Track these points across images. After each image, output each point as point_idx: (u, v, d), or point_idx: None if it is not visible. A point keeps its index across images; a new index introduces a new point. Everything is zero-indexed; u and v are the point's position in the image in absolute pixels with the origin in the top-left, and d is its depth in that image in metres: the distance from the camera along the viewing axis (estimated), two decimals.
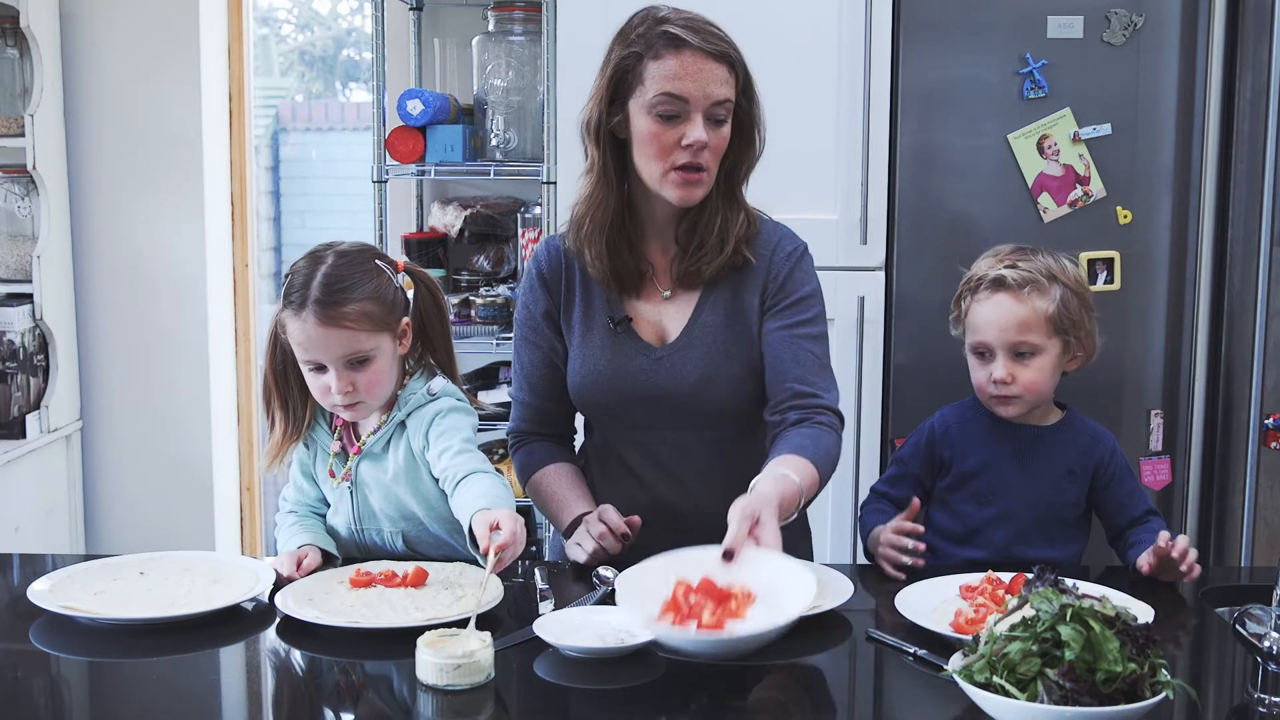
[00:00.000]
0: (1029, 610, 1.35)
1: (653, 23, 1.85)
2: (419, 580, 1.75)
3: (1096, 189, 2.79)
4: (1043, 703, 1.28)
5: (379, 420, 1.91)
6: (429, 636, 1.46)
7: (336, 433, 1.95)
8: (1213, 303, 2.85)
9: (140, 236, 3.60)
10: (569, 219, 1.97)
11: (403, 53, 3.44)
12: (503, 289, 3.30)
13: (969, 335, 1.99)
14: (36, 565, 2.00)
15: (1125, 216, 2.80)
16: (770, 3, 2.80)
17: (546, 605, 1.71)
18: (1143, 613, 1.61)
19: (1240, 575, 2.42)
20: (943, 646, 1.53)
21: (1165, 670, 1.31)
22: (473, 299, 3.26)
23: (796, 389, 1.88)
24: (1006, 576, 1.75)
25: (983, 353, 1.97)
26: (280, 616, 1.67)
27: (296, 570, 1.81)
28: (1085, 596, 1.35)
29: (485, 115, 3.26)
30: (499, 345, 3.17)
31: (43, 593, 1.70)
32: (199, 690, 1.54)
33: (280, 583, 1.77)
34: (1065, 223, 2.79)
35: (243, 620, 1.69)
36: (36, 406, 3.43)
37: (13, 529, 3.26)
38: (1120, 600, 1.55)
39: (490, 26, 3.26)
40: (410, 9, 3.44)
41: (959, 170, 2.83)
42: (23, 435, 3.33)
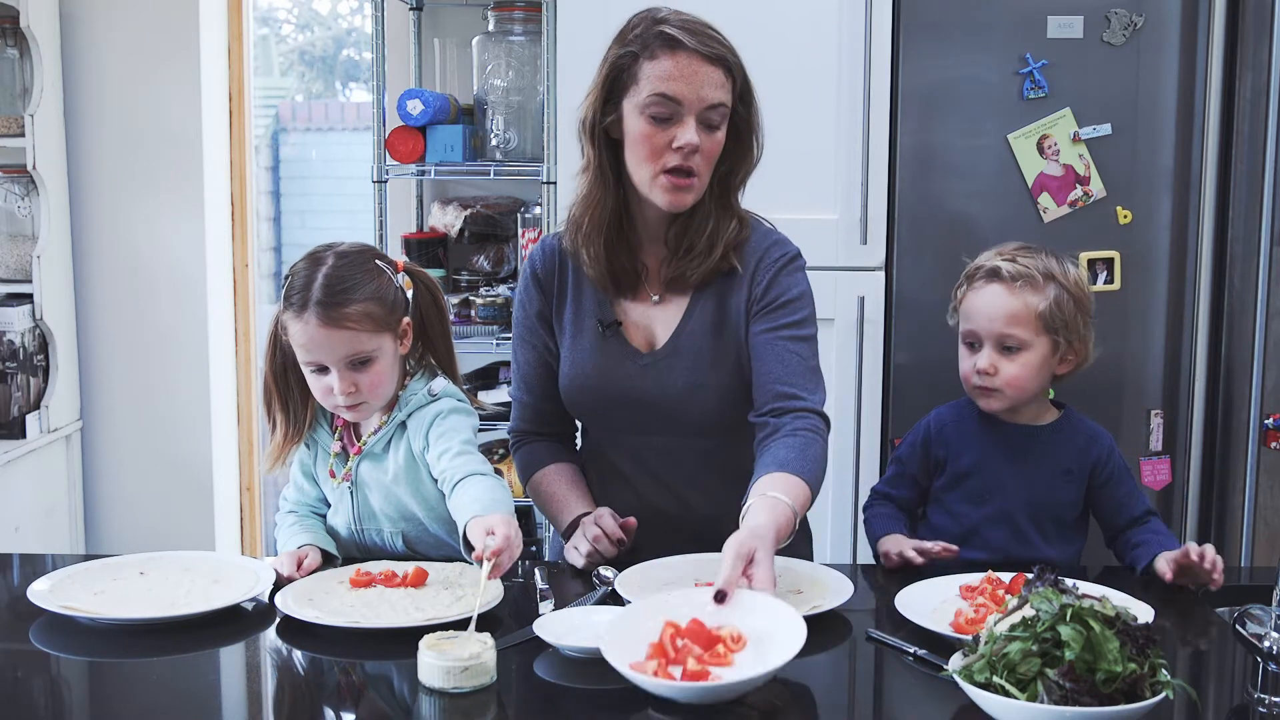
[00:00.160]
0: (1029, 610, 1.35)
1: (651, 23, 1.84)
2: (419, 580, 1.75)
3: (1096, 189, 2.79)
4: (1043, 703, 1.28)
5: (379, 421, 1.91)
6: (430, 639, 1.46)
7: (337, 433, 1.95)
8: (1213, 303, 2.85)
9: (140, 236, 3.60)
10: (567, 219, 1.96)
11: (403, 53, 3.44)
12: (503, 289, 3.30)
13: (961, 323, 2.00)
14: (36, 565, 2.00)
15: (1125, 216, 2.79)
16: (770, 3, 2.80)
17: (546, 605, 1.71)
18: (1143, 613, 1.61)
19: (1240, 575, 2.42)
20: (943, 646, 1.53)
21: (1165, 670, 1.31)
22: (473, 299, 3.26)
23: (779, 390, 1.85)
24: (1006, 576, 1.75)
25: (971, 342, 1.98)
26: (280, 616, 1.67)
27: (297, 570, 1.81)
28: (1085, 596, 1.35)
29: (485, 115, 3.26)
30: (499, 345, 3.17)
31: (43, 593, 1.70)
32: (199, 690, 1.54)
33: (280, 583, 1.77)
34: (1065, 223, 2.79)
35: (243, 620, 1.69)
36: (36, 406, 3.43)
37: (13, 529, 3.26)
38: (1120, 600, 1.55)
39: (490, 26, 3.26)
40: (410, 9, 3.44)
41: (959, 170, 2.83)
42: (23, 435, 3.33)
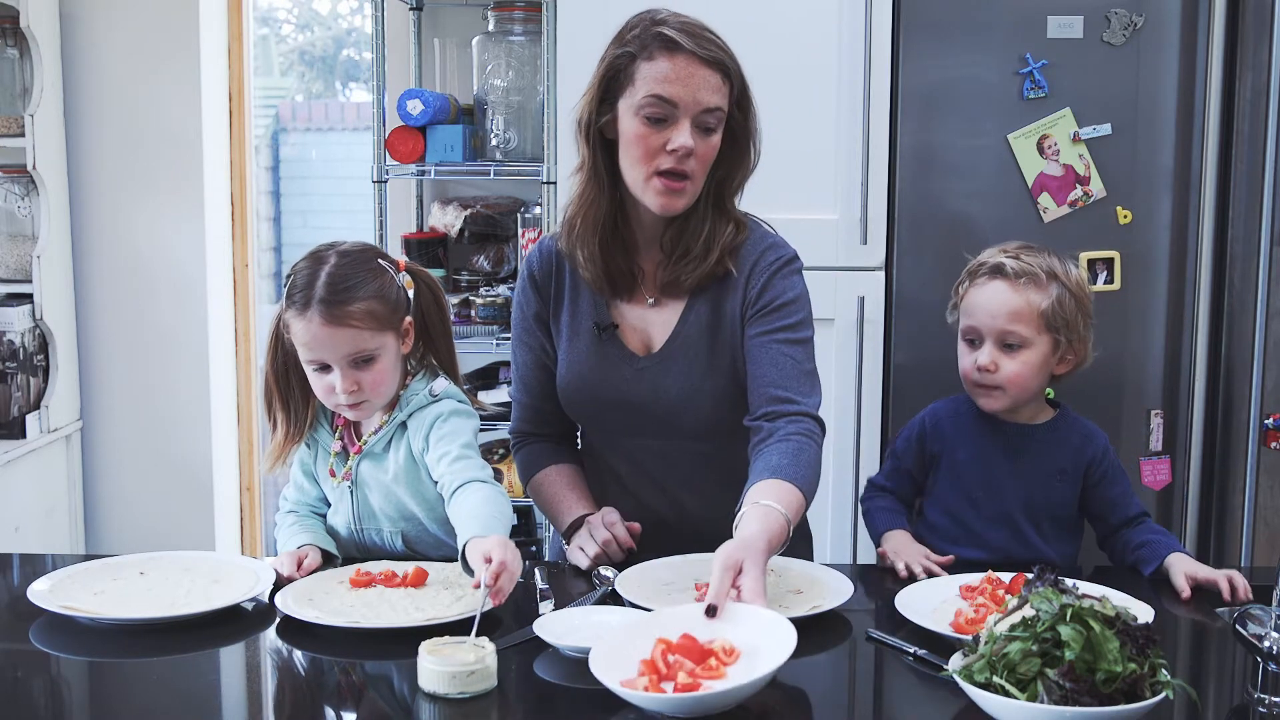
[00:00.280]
0: (1029, 610, 1.35)
1: (649, 24, 1.83)
2: (419, 580, 1.75)
3: (1096, 189, 2.79)
4: (1043, 703, 1.28)
5: (380, 420, 1.91)
6: (430, 644, 1.46)
7: (337, 432, 1.95)
8: (1213, 303, 2.85)
9: (140, 236, 3.60)
10: (562, 220, 1.96)
11: (403, 53, 3.44)
12: (503, 289, 3.30)
13: (961, 320, 1.99)
14: (36, 565, 2.00)
15: (1125, 216, 2.79)
16: (770, 3, 2.80)
17: (546, 605, 1.71)
18: (1143, 613, 1.61)
19: None
20: (943, 646, 1.53)
21: (1165, 670, 1.31)
22: (473, 299, 3.26)
23: (773, 394, 1.84)
24: (1006, 576, 1.75)
25: (972, 339, 1.97)
26: (280, 616, 1.67)
27: (297, 570, 1.81)
28: (1085, 596, 1.35)
29: (485, 115, 3.26)
30: (499, 345, 3.17)
31: (43, 593, 1.70)
32: (199, 690, 1.54)
33: (280, 583, 1.77)
34: (1065, 223, 2.79)
35: (243, 620, 1.69)
36: (36, 406, 3.43)
37: (13, 529, 3.26)
38: (1120, 600, 1.55)
39: (490, 26, 3.26)
40: (410, 9, 3.44)
41: (959, 170, 2.83)
42: (23, 435, 3.33)
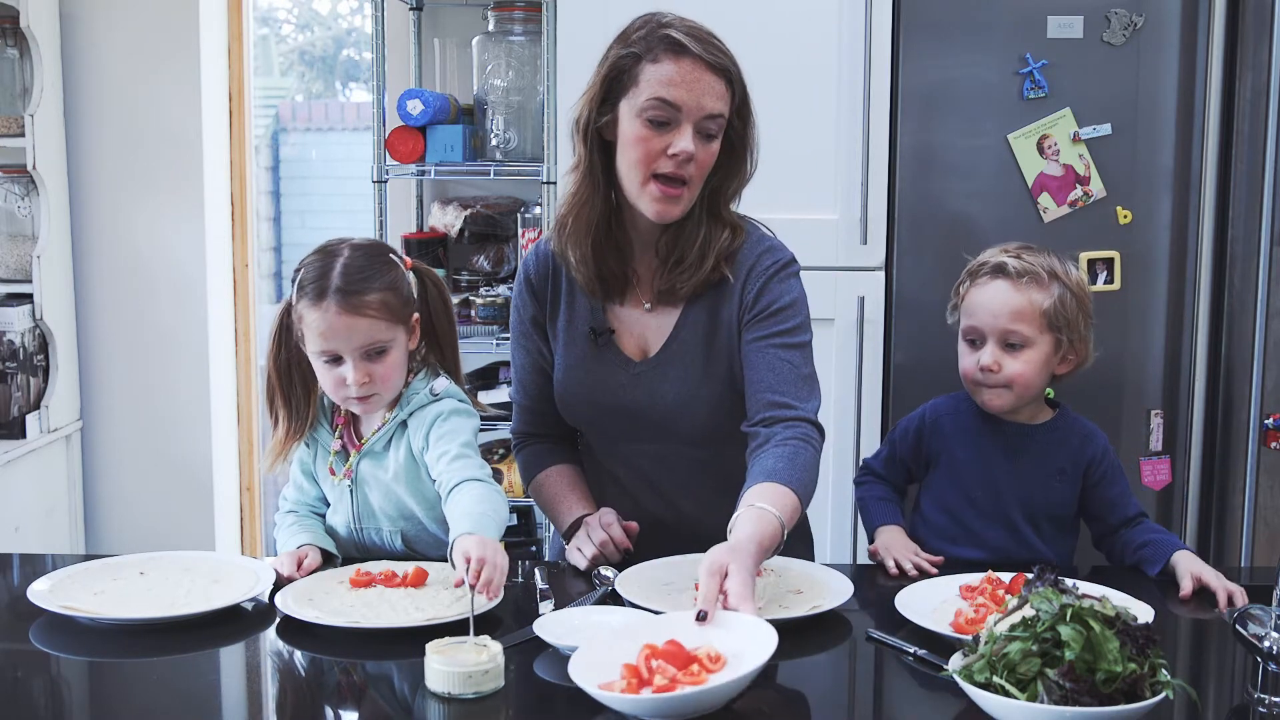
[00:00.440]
0: (1029, 610, 1.35)
1: (655, 26, 1.81)
2: (419, 580, 1.75)
3: (1096, 189, 2.79)
4: (1043, 703, 1.28)
5: (381, 419, 1.91)
6: (435, 645, 1.46)
7: (337, 431, 1.95)
8: (1213, 303, 2.85)
9: (140, 236, 3.60)
10: (555, 220, 1.94)
11: (403, 53, 3.44)
12: (503, 289, 3.30)
13: (963, 319, 1.99)
14: (36, 565, 2.00)
15: (1125, 216, 2.79)
16: (770, 3, 2.80)
17: (546, 605, 1.71)
18: (1143, 613, 1.61)
19: (1240, 575, 2.42)
20: (943, 646, 1.53)
21: (1165, 670, 1.31)
22: (473, 299, 3.26)
23: (770, 400, 1.82)
24: (1006, 576, 1.75)
25: (973, 339, 1.97)
26: (280, 616, 1.67)
27: (297, 570, 1.81)
28: (1085, 596, 1.35)
29: (485, 115, 3.26)
30: (499, 345, 3.17)
31: (43, 593, 1.70)
32: (199, 690, 1.54)
33: (280, 583, 1.77)
34: (1065, 223, 2.79)
35: (243, 620, 1.69)
36: (36, 406, 3.43)
37: (13, 529, 3.26)
38: (1120, 600, 1.55)
39: (490, 26, 3.26)
40: (410, 9, 3.44)
41: (959, 170, 2.83)
42: (23, 435, 3.33)
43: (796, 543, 1.97)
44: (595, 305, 1.95)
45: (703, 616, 1.49)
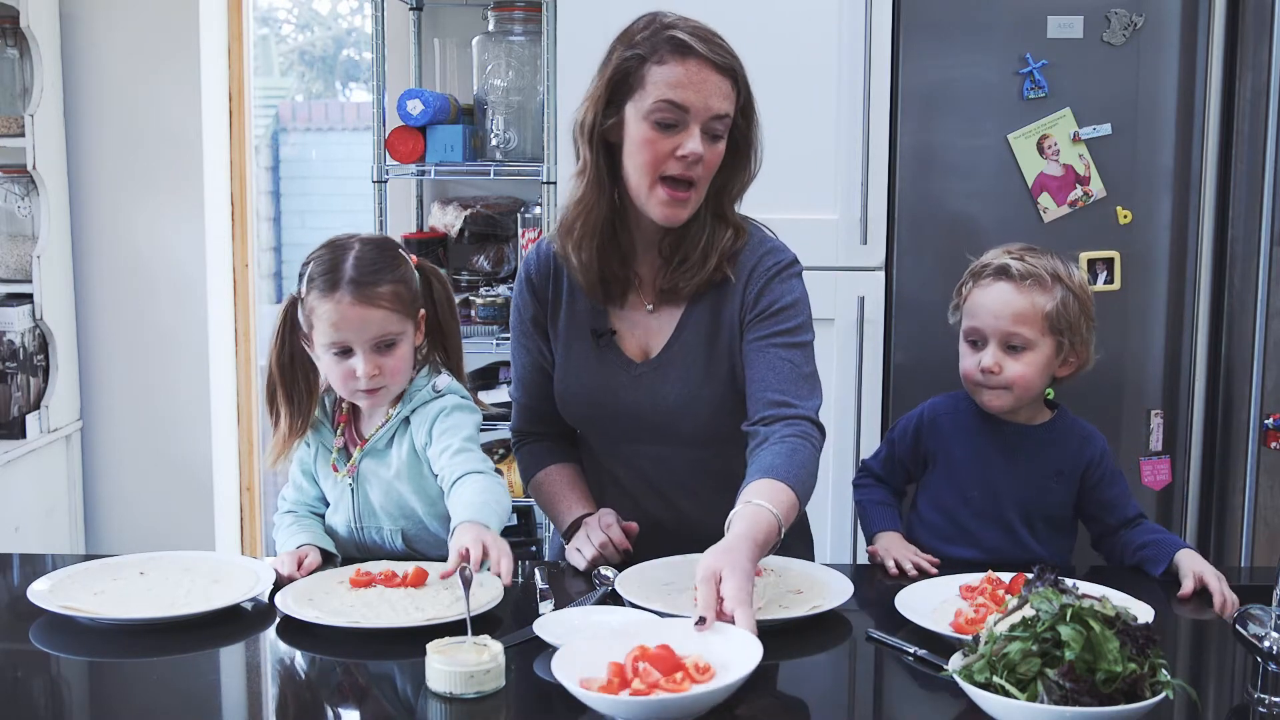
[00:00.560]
0: (1029, 610, 1.35)
1: (660, 27, 1.80)
2: (419, 580, 1.75)
3: (1096, 189, 2.79)
4: (1043, 703, 1.28)
5: (384, 415, 1.91)
6: (436, 645, 1.46)
7: (339, 429, 1.95)
8: (1213, 303, 2.85)
9: (140, 236, 3.60)
10: (558, 222, 1.93)
11: (403, 53, 3.44)
12: (503, 289, 3.30)
13: (965, 320, 1.98)
14: (36, 565, 2.00)
15: (1125, 216, 2.79)
16: (770, 3, 2.80)
17: (546, 605, 1.71)
18: (1143, 613, 1.61)
19: (1240, 575, 2.42)
20: (943, 646, 1.53)
21: (1165, 670, 1.31)
22: (473, 299, 3.26)
23: (770, 399, 1.82)
24: (1006, 576, 1.75)
25: (975, 340, 1.97)
26: (280, 616, 1.67)
27: (298, 570, 1.81)
28: (1085, 596, 1.35)
29: (485, 115, 3.26)
30: (499, 345, 3.17)
31: (43, 593, 1.70)
32: (199, 690, 1.54)
33: (280, 583, 1.77)
34: (1065, 223, 2.79)
35: (243, 620, 1.69)
36: (36, 406, 3.43)
37: (13, 529, 3.26)
38: (1120, 600, 1.55)
39: (490, 26, 3.26)
40: (410, 9, 3.44)
41: (959, 170, 2.83)
42: (23, 435, 3.33)
43: (796, 543, 1.97)
44: (597, 307, 1.94)
45: (703, 622, 1.48)
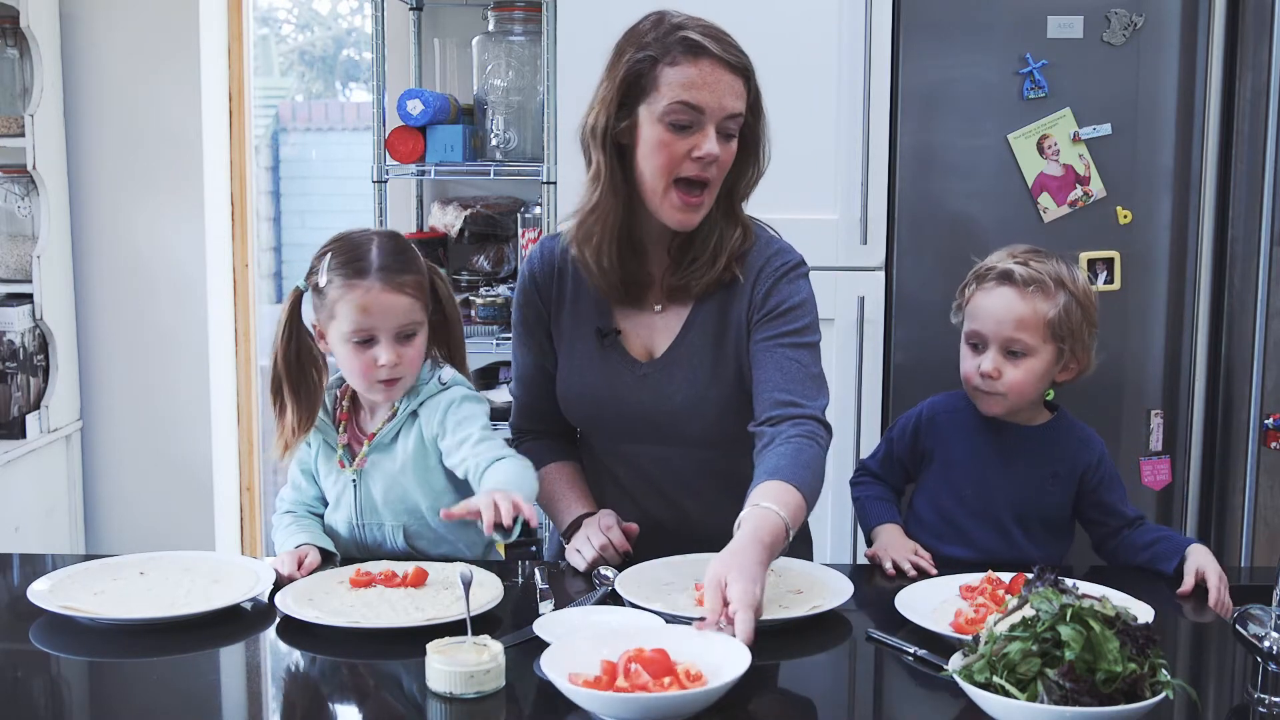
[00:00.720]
0: (1029, 610, 1.35)
1: (670, 28, 1.79)
2: (419, 580, 1.75)
3: (1096, 189, 2.79)
4: (1043, 703, 1.28)
5: (390, 409, 1.92)
6: (436, 645, 1.46)
7: (341, 426, 1.95)
8: (1213, 303, 2.85)
9: (140, 236, 3.60)
10: (574, 228, 1.90)
11: (403, 53, 3.44)
12: (503, 289, 3.30)
13: (966, 323, 1.98)
14: (36, 565, 2.00)
15: (1125, 216, 2.79)
16: (770, 3, 2.80)
17: (546, 605, 1.71)
18: (1143, 613, 1.61)
19: (1240, 575, 2.42)
20: (943, 646, 1.53)
21: (1165, 670, 1.31)
22: (473, 299, 3.26)
23: (777, 399, 1.82)
24: (1006, 576, 1.75)
25: (975, 343, 1.96)
26: (280, 616, 1.67)
27: (298, 569, 1.81)
28: (1085, 596, 1.35)
29: (485, 115, 3.26)
30: (499, 345, 3.17)
31: (43, 593, 1.70)
32: (199, 690, 1.54)
33: (280, 583, 1.77)
34: (1065, 223, 2.79)
35: (243, 620, 1.69)
36: (36, 406, 3.43)
37: (13, 529, 3.26)
38: (1120, 600, 1.55)
39: (490, 26, 3.26)
40: (410, 9, 3.44)
41: (959, 170, 2.83)
42: (23, 435, 3.33)
43: (797, 543, 1.96)
44: (603, 306, 1.94)
45: (709, 630, 1.47)
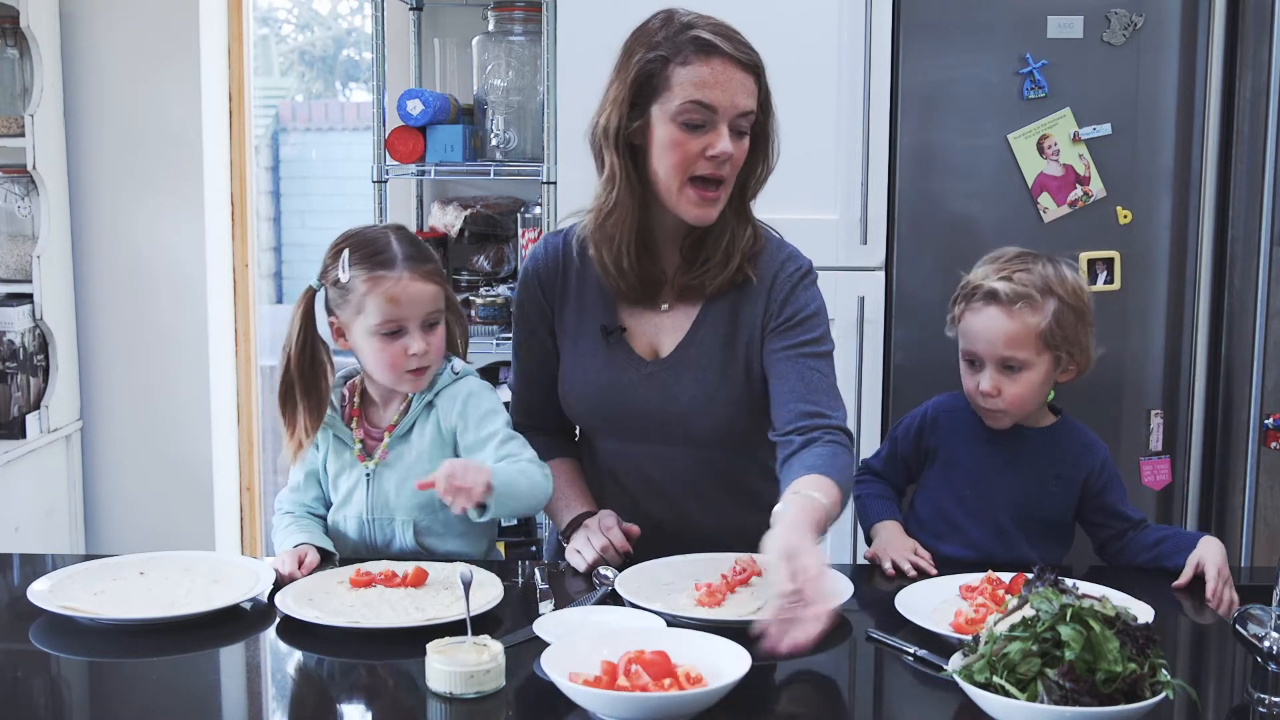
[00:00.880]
0: (1029, 610, 1.35)
1: (680, 27, 1.79)
2: (419, 580, 1.75)
3: (1096, 189, 2.79)
4: (1043, 703, 1.28)
5: (403, 401, 1.92)
6: (436, 645, 1.46)
7: (353, 423, 1.95)
8: (1213, 303, 2.85)
9: (140, 236, 3.60)
10: (592, 230, 1.89)
11: (403, 53, 3.44)
12: (503, 289, 3.30)
13: (960, 341, 1.98)
14: (36, 565, 2.00)
15: (1125, 216, 2.80)
16: (770, 3, 2.80)
17: (546, 605, 1.71)
18: (1143, 613, 1.61)
19: (1240, 575, 2.42)
20: (943, 646, 1.53)
21: (1165, 670, 1.31)
22: (473, 299, 3.26)
23: (804, 410, 1.81)
24: (1006, 576, 1.75)
25: (973, 360, 1.96)
26: (280, 616, 1.67)
27: (298, 569, 1.81)
28: (1085, 596, 1.35)
29: (485, 115, 3.26)
30: (499, 345, 3.16)
31: (43, 593, 1.70)
32: (199, 690, 1.54)
33: (280, 583, 1.77)
34: (1065, 223, 2.79)
35: (243, 620, 1.69)
36: (36, 406, 3.43)
37: (13, 529, 3.26)
38: (1120, 600, 1.55)
39: (490, 26, 3.26)
40: (410, 9, 3.44)
41: (959, 170, 2.83)
42: (23, 435, 3.33)
43: None
44: (609, 303, 1.93)
45: (758, 636, 1.44)
